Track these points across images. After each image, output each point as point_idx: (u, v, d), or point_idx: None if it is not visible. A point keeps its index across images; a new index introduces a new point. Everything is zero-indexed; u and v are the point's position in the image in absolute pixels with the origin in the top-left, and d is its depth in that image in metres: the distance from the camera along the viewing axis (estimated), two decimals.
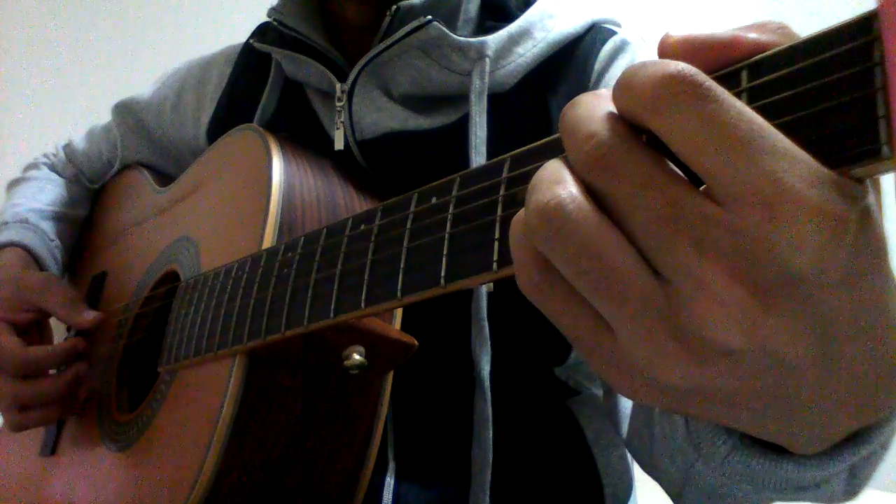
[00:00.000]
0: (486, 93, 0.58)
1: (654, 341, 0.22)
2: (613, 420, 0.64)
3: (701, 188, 0.22)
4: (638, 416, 0.49)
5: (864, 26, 0.20)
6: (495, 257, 0.30)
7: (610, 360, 0.24)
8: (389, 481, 0.58)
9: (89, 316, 0.67)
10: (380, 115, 0.60)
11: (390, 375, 0.53)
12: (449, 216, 0.33)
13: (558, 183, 0.23)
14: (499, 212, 0.31)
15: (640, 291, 0.22)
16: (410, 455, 0.59)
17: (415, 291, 0.34)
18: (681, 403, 0.25)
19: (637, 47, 0.63)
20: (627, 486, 0.66)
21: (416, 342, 0.50)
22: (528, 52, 0.60)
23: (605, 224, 0.22)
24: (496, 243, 0.30)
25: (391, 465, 0.59)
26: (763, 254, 0.21)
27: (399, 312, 0.53)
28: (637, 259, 0.22)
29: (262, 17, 0.71)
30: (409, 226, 0.36)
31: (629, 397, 0.26)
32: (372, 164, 0.62)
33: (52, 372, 0.67)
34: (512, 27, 0.60)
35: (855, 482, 0.35)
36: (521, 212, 0.25)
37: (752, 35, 0.23)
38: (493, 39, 0.59)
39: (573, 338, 0.25)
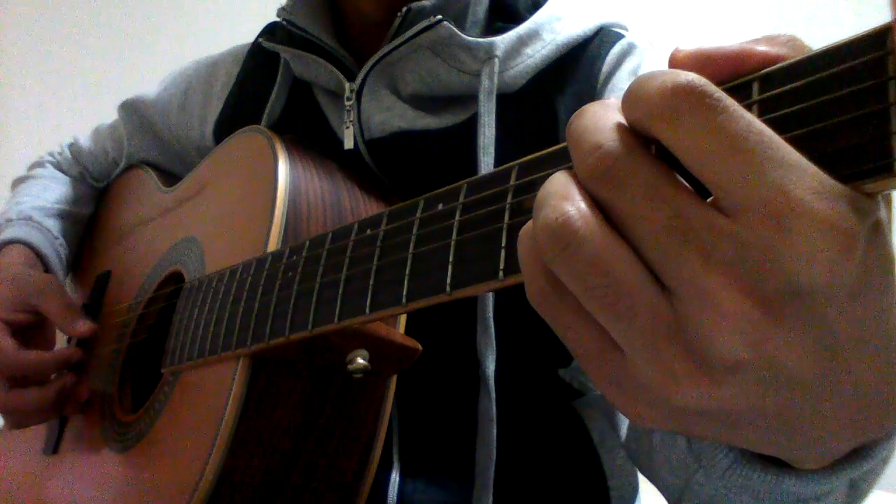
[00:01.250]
0: (494, 93, 0.58)
1: (663, 359, 0.22)
2: (612, 422, 0.64)
3: (709, 200, 0.22)
4: None
5: (879, 40, 0.20)
6: (502, 265, 0.30)
7: (617, 381, 0.24)
8: (394, 479, 0.58)
9: (84, 326, 0.66)
10: (388, 114, 0.61)
11: (394, 379, 0.53)
12: (455, 223, 0.33)
13: (566, 198, 0.23)
14: (506, 220, 0.30)
15: (648, 307, 0.22)
16: (415, 453, 0.59)
17: (420, 298, 0.34)
18: (687, 425, 0.24)
19: (644, 50, 0.63)
20: (633, 489, 0.66)
21: (420, 347, 0.50)
22: (536, 54, 0.60)
23: (613, 239, 0.22)
24: (503, 251, 0.30)
25: (396, 463, 0.59)
26: (771, 266, 0.20)
27: (403, 316, 0.53)
28: (645, 275, 0.22)
29: (269, 17, 0.71)
30: (415, 232, 0.36)
31: (636, 421, 0.25)
32: (380, 164, 0.62)
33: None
34: (521, 28, 0.61)
35: (856, 493, 0.35)
36: (529, 224, 0.25)
37: (762, 48, 0.23)
38: (503, 40, 0.60)
39: (580, 354, 0.25)
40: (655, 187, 0.22)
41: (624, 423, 0.58)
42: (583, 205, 0.23)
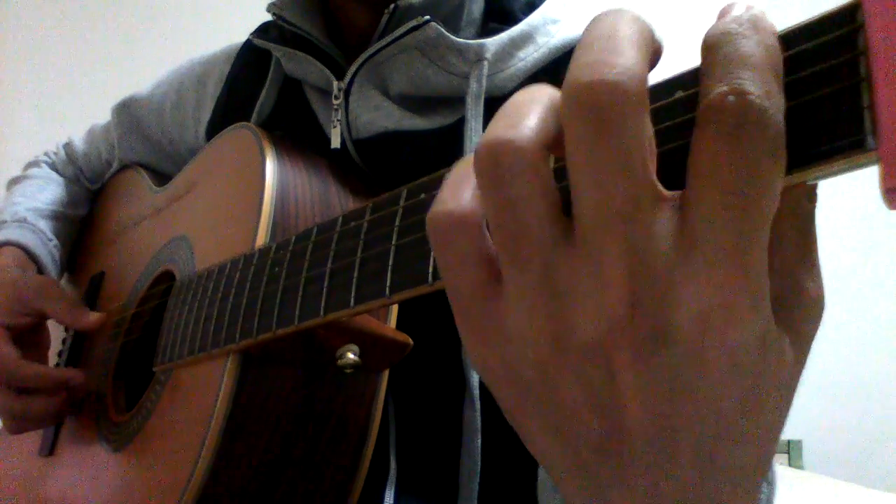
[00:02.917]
0: (482, 96, 0.57)
1: (533, 312, 0.22)
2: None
3: (671, 193, 0.21)
4: None
5: (849, 15, 0.20)
6: None
7: (479, 320, 0.24)
8: (389, 492, 0.57)
9: (92, 317, 0.68)
10: (375, 114, 0.60)
11: (385, 376, 0.53)
12: None
13: (527, 117, 0.22)
14: None
15: (543, 265, 0.22)
16: (409, 463, 0.58)
17: (403, 289, 0.34)
18: (517, 398, 0.24)
19: None
20: None
21: (410, 341, 0.50)
22: (528, 57, 0.59)
23: (546, 190, 0.22)
24: None
25: (392, 469, 0.58)
26: (668, 299, 0.20)
27: (394, 311, 0.53)
28: (559, 234, 0.22)
29: (263, 18, 0.71)
30: (397, 223, 0.36)
31: (475, 363, 0.25)
32: (368, 163, 0.61)
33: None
34: (513, 31, 0.59)
35: None
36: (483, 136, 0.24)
37: None
38: (493, 42, 0.58)
39: (452, 290, 0.24)
40: (626, 160, 0.20)
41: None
42: (539, 135, 0.22)
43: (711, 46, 0.21)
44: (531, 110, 0.23)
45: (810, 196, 0.23)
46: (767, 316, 0.21)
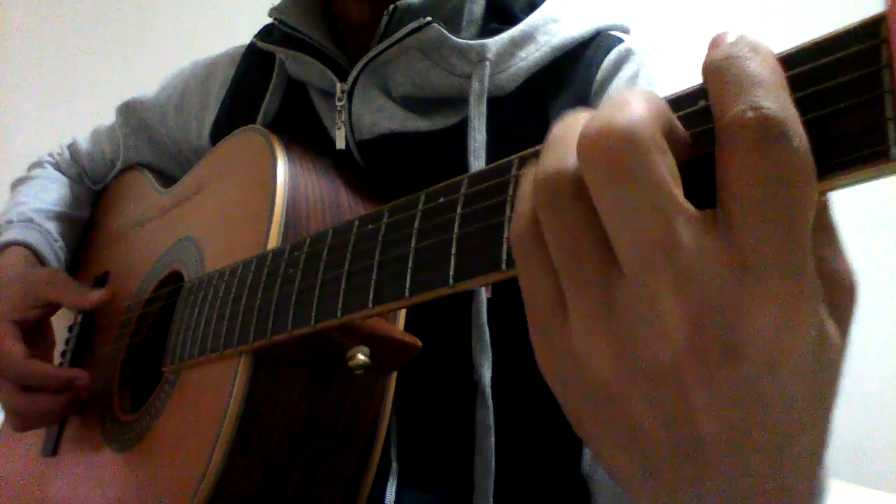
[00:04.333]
0: (485, 96, 0.57)
1: (594, 333, 0.23)
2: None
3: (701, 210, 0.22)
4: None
5: (873, 29, 0.21)
6: (504, 256, 0.30)
7: (550, 337, 0.25)
8: (391, 488, 0.57)
9: (96, 294, 0.68)
10: (378, 115, 0.60)
11: (394, 377, 0.53)
12: (457, 216, 0.33)
13: (573, 150, 0.23)
14: (507, 212, 0.31)
15: (600, 285, 0.23)
16: (413, 461, 0.59)
17: (423, 291, 0.35)
18: (585, 413, 0.25)
19: (644, 56, 0.61)
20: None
21: (419, 343, 0.50)
22: (529, 56, 0.59)
23: (596, 215, 0.23)
24: (504, 243, 0.30)
25: (394, 468, 0.58)
26: (730, 318, 0.21)
27: (402, 313, 0.53)
28: (611, 257, 0.23)
29: (266, 19, 0.71)
30: (416, 226, 0.36)
31: (548, 378, 0.26)
32: (371, 165, 0.62)
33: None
34: (514, 30, 0.60)
35: None
36: (538, 163, 0.25)
37: None
38: (494, 42, 0.58)
39: (529, 302, 0.26)
40: (658, 195, 0.22)
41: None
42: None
43: (716, 71, 0.22)
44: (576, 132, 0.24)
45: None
46: (821, 311, 0.22)
